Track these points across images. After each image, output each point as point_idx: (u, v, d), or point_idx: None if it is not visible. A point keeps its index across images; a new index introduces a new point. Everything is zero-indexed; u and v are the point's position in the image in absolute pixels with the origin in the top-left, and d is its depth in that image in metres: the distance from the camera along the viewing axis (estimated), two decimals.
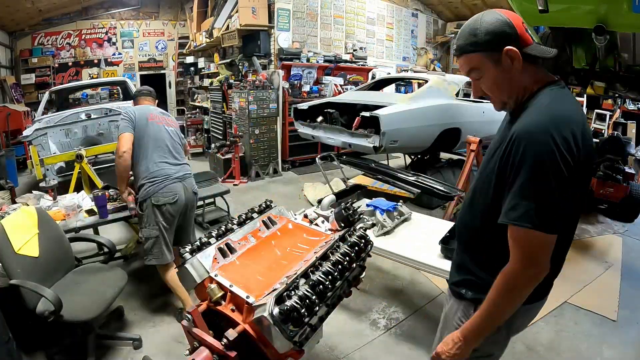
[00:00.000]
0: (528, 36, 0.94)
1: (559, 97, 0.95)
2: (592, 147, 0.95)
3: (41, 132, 4.55)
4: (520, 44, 0.92)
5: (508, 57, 0.92)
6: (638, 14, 1.41)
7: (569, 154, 0.86)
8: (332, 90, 6.65)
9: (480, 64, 0.96)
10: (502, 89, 0.99)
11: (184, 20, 9.73)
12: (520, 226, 0.88)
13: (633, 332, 2.41)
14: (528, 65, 0.94)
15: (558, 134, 0.86)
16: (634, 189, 4.02)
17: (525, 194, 0.88)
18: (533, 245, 0.89)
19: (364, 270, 1.42)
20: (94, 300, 1.91)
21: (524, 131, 0.90)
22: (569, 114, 0.91)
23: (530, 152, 0.87)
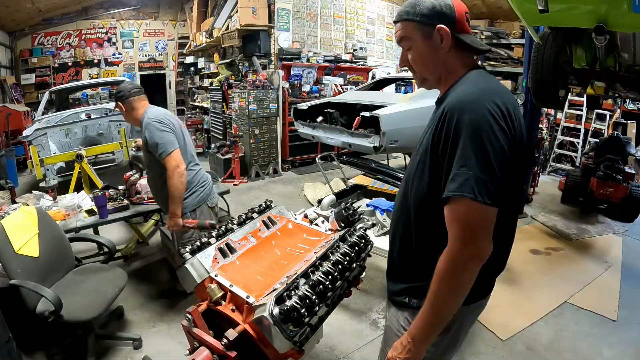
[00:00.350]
0: (467, 26, 0.97)
1: (485, 76, 0.98)
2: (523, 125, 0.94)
3: (41, 132, 4.55)
4: (455, 28, 0.95)
5: (439, 35, 0.94)
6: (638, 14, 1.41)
7: (503, 122, 0.85)
8: (332, 90, 6.65)
9: (411, 33, 0.98)
10: (426, 64, 1.01)
11: (184, 20, 9.73)
12: (459, 196, 0.83)
13: (633, 332, 2.41)
14: (458, 50, 0.97)
15: (490, 102, 0.85)
16: (634, 189, 4.02)
17: (463, 163, 0.83)
18: (472, 219, 0.84)
19: (364, 270, 1.42)
20: (94, 300, 1.91)
21: (455, 102, 0.88)
22: (497, 88, 0.92)
23: (464, 121, 0.84)
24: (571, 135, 6.35)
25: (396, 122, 3.76)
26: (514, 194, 0.96)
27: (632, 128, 5.97)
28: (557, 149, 6.39)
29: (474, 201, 0.81)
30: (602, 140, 4.97)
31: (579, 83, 3.12)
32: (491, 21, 7.81)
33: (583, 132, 6.15)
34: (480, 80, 0.95)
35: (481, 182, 0.82)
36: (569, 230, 3.98)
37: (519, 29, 6.94)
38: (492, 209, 0.84)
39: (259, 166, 5.89)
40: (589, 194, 4.21)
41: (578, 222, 4.20)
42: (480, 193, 0.81)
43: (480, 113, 0.84)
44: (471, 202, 0.82)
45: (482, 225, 0.85)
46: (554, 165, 6.40)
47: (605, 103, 6.14)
